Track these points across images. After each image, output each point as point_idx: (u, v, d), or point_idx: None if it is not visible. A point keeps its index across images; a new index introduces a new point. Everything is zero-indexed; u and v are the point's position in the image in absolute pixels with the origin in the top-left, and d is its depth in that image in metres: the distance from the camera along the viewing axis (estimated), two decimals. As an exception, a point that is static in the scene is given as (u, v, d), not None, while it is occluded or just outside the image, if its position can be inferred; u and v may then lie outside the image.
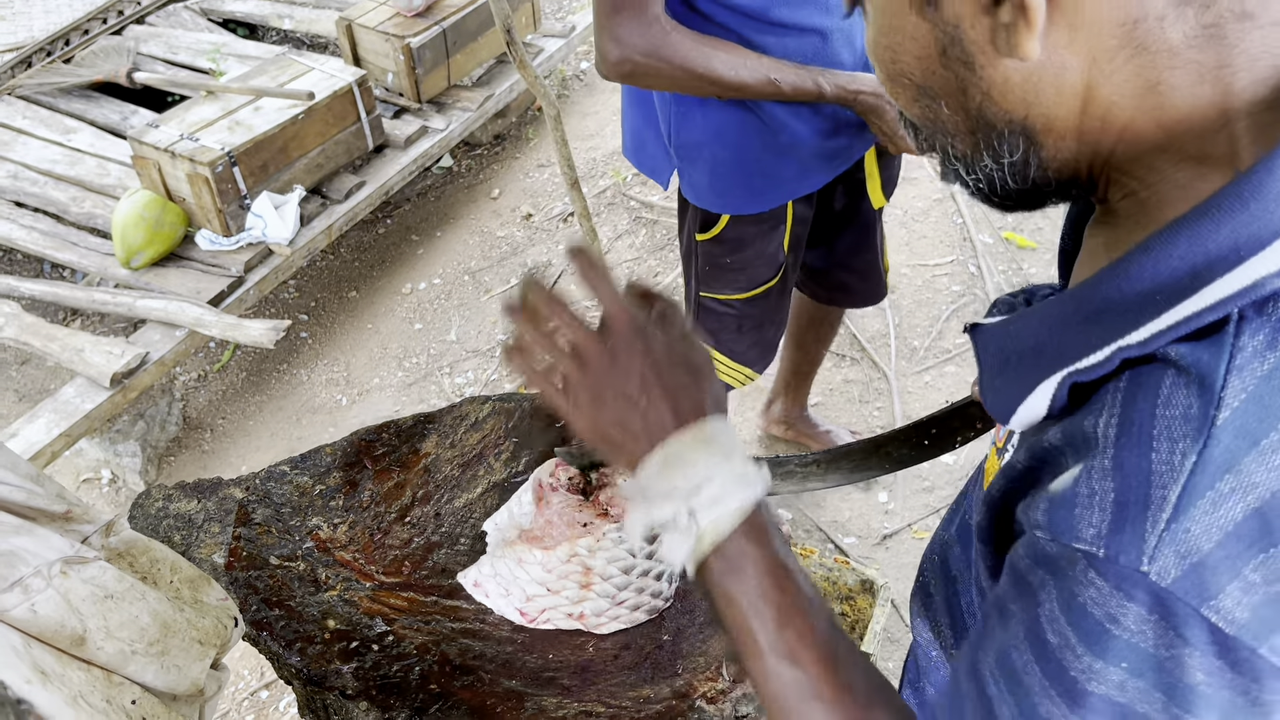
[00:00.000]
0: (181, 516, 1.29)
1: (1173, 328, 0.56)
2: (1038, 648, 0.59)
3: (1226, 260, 0.55)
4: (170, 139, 3.23)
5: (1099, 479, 0.57)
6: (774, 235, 1.98)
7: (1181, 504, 0.53)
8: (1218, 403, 0.54)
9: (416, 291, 3.89)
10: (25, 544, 0.75)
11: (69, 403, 2.87)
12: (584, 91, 4.90)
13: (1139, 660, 0.55)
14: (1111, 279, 0.61)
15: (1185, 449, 0.54)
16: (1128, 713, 0.56)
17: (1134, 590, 0.54)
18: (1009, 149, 0.64)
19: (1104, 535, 0.56)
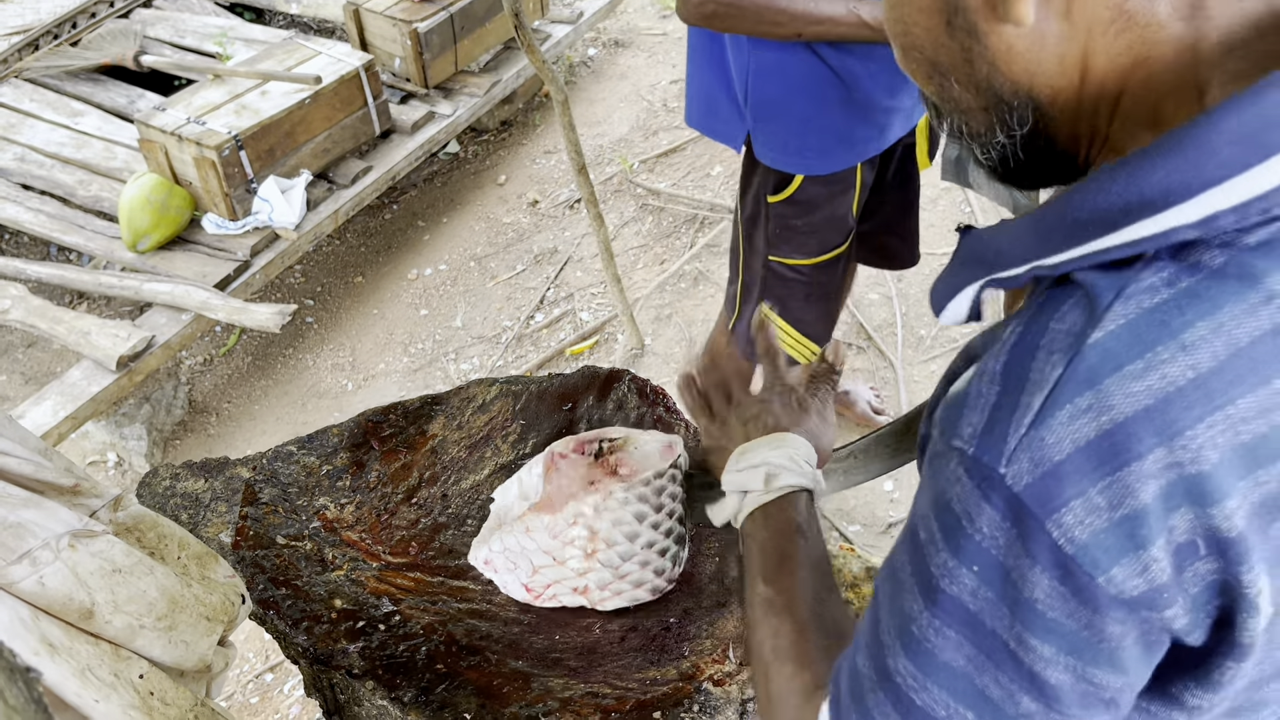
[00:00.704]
0: (189, 495, 1.29)
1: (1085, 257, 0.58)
2: (911, 544, 0.64)
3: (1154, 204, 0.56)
4: (177, 122, 3.23)
5: (987, 382, 0.59)
6: (844, 199, 2.00)
7: (1043, 412, 0.56)
8: (1096, 322, 0.56)
9: (422, 277, 3.88)
10: (33, 517, 0.75)
11: (75, 385, 2.87)
12: (591, 78, 4.89)
13: (989, 566, 0.58)
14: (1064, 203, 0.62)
15: (1056, 361, 0.56)
16: (977, 624, 0.59)
17: (991, 492, 0.57)
18: (1019, 121, 0.65)
19: (977, 435, 0.58)
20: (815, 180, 1.95)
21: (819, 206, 2.00)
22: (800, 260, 2.09)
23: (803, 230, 2.04)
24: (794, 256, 2.08)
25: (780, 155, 1.94)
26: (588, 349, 3.46)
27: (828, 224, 2.03)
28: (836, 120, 1.87)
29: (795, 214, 2.01)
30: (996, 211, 3.74)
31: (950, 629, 0.61)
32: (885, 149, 1.99)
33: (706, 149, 4.26)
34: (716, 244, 3.77)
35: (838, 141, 1.90)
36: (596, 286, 3.70)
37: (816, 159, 1.92)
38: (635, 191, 4.12)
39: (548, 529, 1.15)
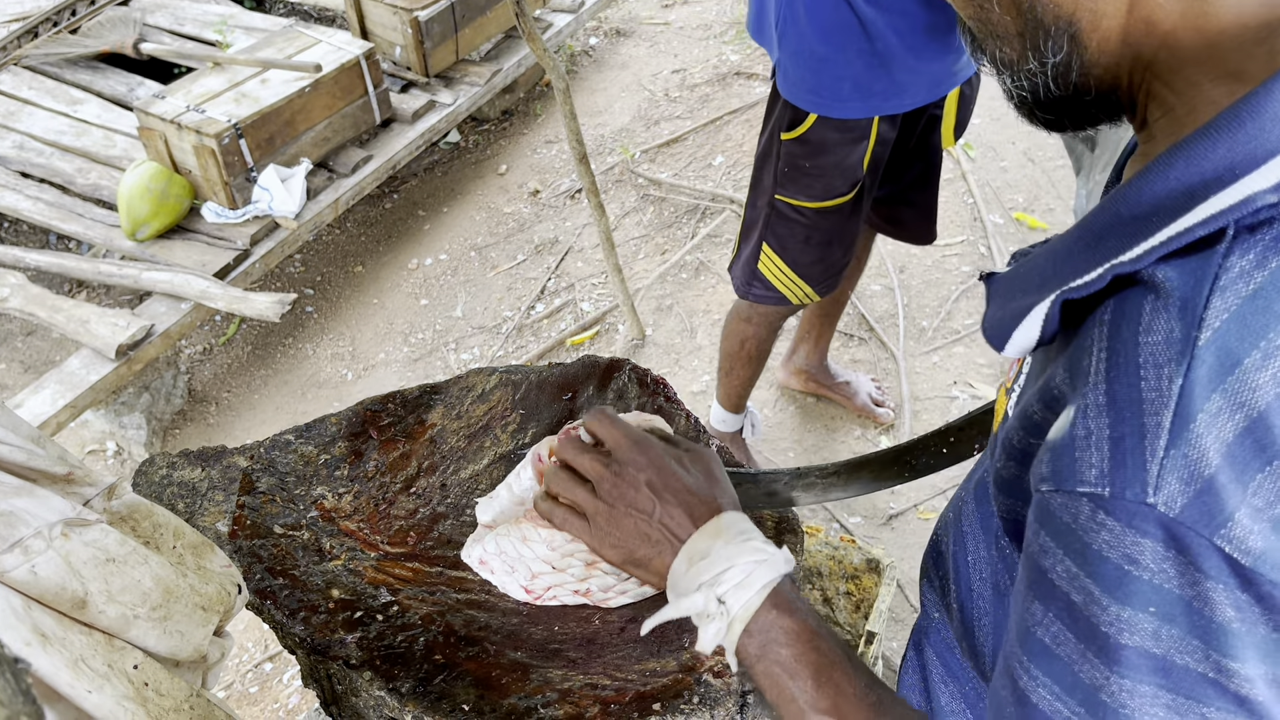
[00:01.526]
0: (185, 484, 1.28)
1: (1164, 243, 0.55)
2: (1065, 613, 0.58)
3: (1221, 179, 0.54)
4: (176, 110, 3.21)
5: (1094, 417, 0.56)
6: (856, 149, 2.02)
7: (1176, 428, 0.52)
8: (1199, 323, 0.53)
9: (423, 267, 3.87)
10: (25, 505, 0.74)
11: (74, 374, 2.86)
12: (593, 68, 4.87)
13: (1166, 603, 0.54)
14: (1111, 205, 0.60)
15: (1171, 373, 0.53)
16: (1168, 667, 0.54)
17: (1145, 525, 0.53)
18: (1054, 48, 0.63)
19: (1107, 474, 0.54)
20: (828, 123, 1.97)
21: (829, 150, 2.01)
22: (804, 202, 2.10)
23: (810, 171, 2.05)
24: (798, 197, 2.10)
25: (797, 90, 1.96)
26: (588, 339, 3.45)
27: (836, 170, 2.04)
28: (855, 68, 1.88)
29: (805, 154, 2.03)
30: (1000, 204, 3.72)
31: (1143, 683, 0.55)
32: (907, 111, 2.00)
33: (708, 139, 4.24)
34: (718, 234, 3.75)
35: (854, 89, 1.92)
36: (597, 277, 3.69)
37: (831, 101, 1.94)
38: (636, 181, 4.10)
39: (546, 542, 1.14)
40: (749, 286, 2.30)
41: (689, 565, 0.82)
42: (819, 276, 2.24)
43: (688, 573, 0.82)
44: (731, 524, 0.84)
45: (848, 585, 2.25)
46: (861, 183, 2.09)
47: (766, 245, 2.21)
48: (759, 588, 0.79)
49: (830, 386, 2.99)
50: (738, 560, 0.80)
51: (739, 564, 0.80)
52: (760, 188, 2.17)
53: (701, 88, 4.58)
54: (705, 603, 0.80)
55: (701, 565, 0.81)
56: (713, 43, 4.90)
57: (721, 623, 0.80)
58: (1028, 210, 3.68)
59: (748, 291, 2.31)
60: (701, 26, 5.06)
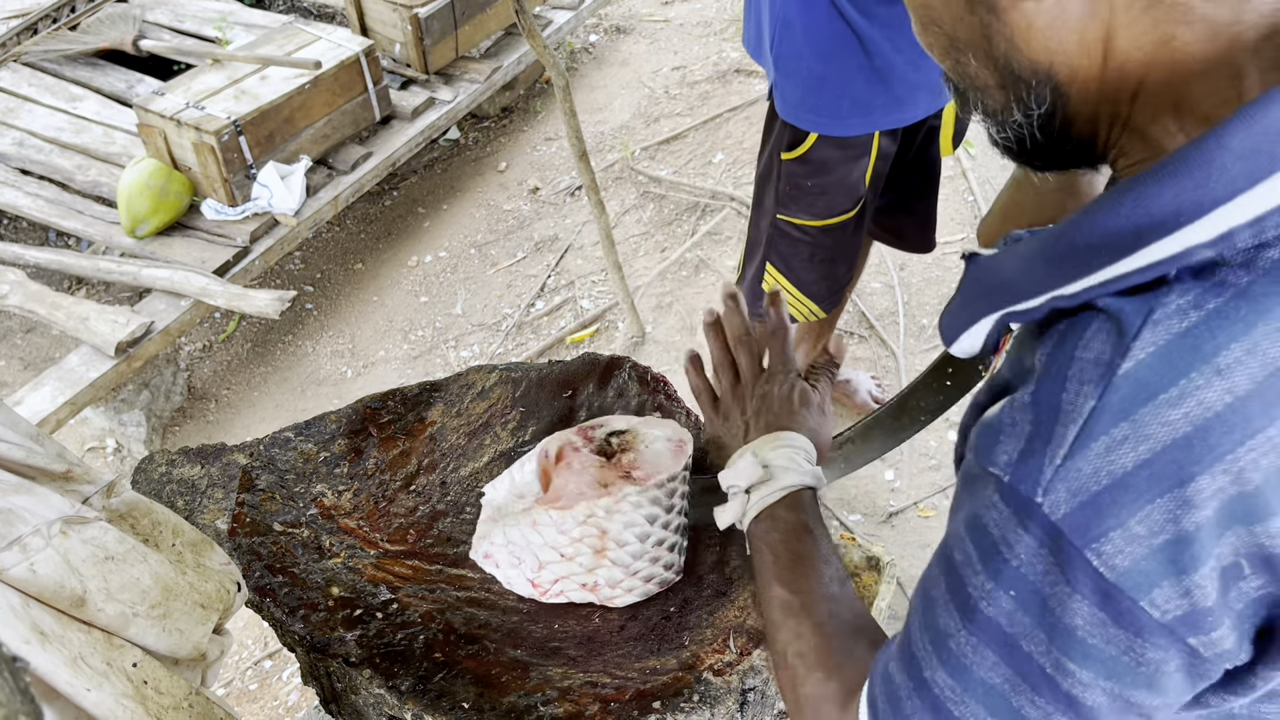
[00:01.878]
0: (185, 482, 1.28)
1: (1106, 283, 0.58)
2: (946, 563, 0.65)
3: (1165, 225, 0.55)
4: (176, 107, 3.21)
5: (1020, 410, 0.60)
6: (858, 165, 2.00)
7: (1078, 443, 0.56)
8: (1125, 352, 0.55)
9: (422, 264, 3.87)
10: (24, 503, 0.74)
11: (74, 371, 2.86)
12: (592, 65, 4.86)
13: (1026, 592, 0.58)
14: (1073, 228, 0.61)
15: (1088, 392, 0.56)
16: (1013, 646, 0.60)
17: (1028, 520, 0.57)
18: (1037, 100, 0.64)
19: (1012, 463, 0.59)
20: (829, 142, 1.95)
21: (831, 169, 1.99)
22: (807, 221, 2.09)
23: (812, 191, 2.04)
24: (801, 216, 2.09)
25: (795, 110, 1.94)
26: (588, 337, 3.44)
27: (838, 188, 2.02)
28: (854, 85, 1.86)
29: (806, 173, 2.01)
30: (999, 200, 3.72)
31: (988, 648, 0.61)
32: (908, 125, 1.98)
33: (708, 136, 4.24)
34: (718, 231, 3.75)
35: (853, 106, 1.89)
36: (597, 274, 3.69)
37: (830, 120, 1.92)
38: (636, 179, 4.10)
39: (556, 525, 1.14)
40: (754, 306, 2.29)
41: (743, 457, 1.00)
42: (824, 294, 2.24)
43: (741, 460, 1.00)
44: (791, 440, 1.00)
45: (848, 583, 2.25)
46: (864, 199, 2.08)
47: (770, 265, 2.20)
48: (780, 486, 0.95)
49: None
50: (777, 464, 0.97)
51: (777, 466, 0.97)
52: (762, 207, 2.15)
53: (701, 85, 4.57)
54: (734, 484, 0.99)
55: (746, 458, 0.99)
56: (713, 40, 4.89)
57: (740, 504, 0.97)
58: (1028, 208, 3.67)
59: (753, 310, 2.30)
60: (702, 24, 5.05)
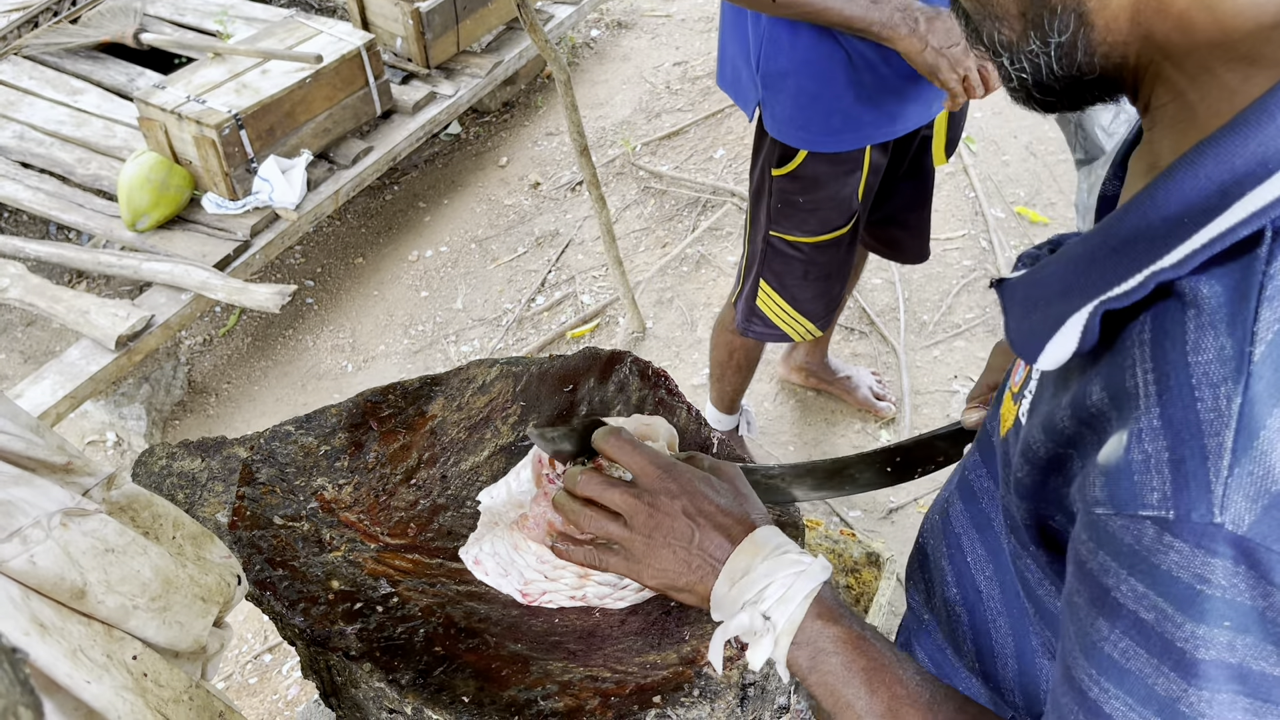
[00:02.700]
0: (185, 475, 1.27)
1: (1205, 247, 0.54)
2: (1134, 630, 0.58)
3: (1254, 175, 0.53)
4: (177, 101, 3.21)
5: (1150, 440, 0.55)
6: (850, 180, 1.99)
7: (1239, 447, 0.52)
8: (1251, 338, 0.52)
9: (423, 259, 3.86)
10: (24, 494, 0.74)
11: (74, 364, 2.86)
12: (594, 60, 4.85)
13: (1240, 615, 0.54)
14: (1138, 208, 0.58)
15: (1229, 392, 0.52)
16: (1245, 674, 0.55)
17: (1214, 544, 0.53)
18: (1059, 28, 0.61)
19: (1170, 497, 0.54)
20: (819, 157, 1.93)
21: (822, 185, 1.98)
22: (800, 238, 2.08)
23: (804, 207, 2.02)
24: (794, 233, 2.07)
25: (785, 128, 1.92)
26: (589, 332, 3.44)
27: (830, 203, 2.01)
28: (844, 100, 1.85)
29: (797, 190, 2.00)
30: (1001, 198, 3.71)
31: (1220, 692, 0.56)
32: (899, 137, 1.97)
33: (709, 132, 4.23)
34: (719, 227, 3.75)
35: (844, 121, 1.88)
36: (598, 269, 3.69)
37: (821, 136, 1.90)
38: (637, 174, 4.09)
39: (536, 555, 1.13)
40: (748, 323, 2.28)
41: (731, 585, 0.83)
42: (819, 312, 2.22)
43: (730, 593, 0.83)
44: (767, 539, 0.85)
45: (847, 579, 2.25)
46: (857, 214, 2.07)
47: (764, 282, 2.18)
48: (801, 598, 0.80)
49: (831, 381, 2.99)
50: (777, 574, 0.81)
51: (778, 578, 0.81)
52: (756, 224, 2.14)
53: (703, 80, 4.56)
54: (751, 621, 0.81)
55: (743, 584, 0.82)
56: (714, 35, 4.88)
57: (769, 638, 0.81)
58: (1029, 204, 3.67)
59: (747, 329, 2.29)
60: (703, 19, 5.04)
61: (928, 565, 1.04)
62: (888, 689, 0.77)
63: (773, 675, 1.13)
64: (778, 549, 0.83)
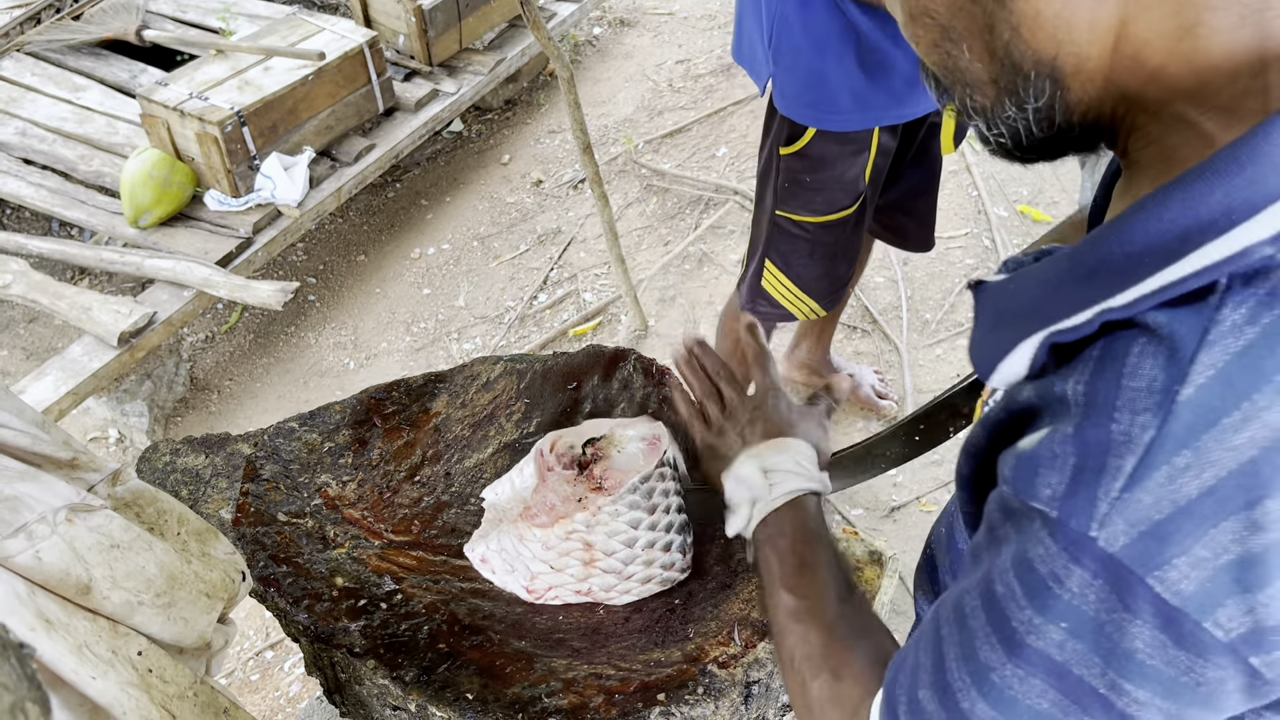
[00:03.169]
0: (189, 471, 1.27)
1: (1156, 292, 0.55)
2: (986, 596, 0.62)
3: (1217, 225, 0.53)
4: (179, 98, 3.20)
5: (1061, 443, 0.57)
6: (857, 160, 1.99)
7: (1137, 475, 0.53)
8: (1183, 378, 0.53)
9: (425, 256, 3.86)
10: (30, 490, 0.74)
11: (76, 361, 2.86)
12: (596, 57, 4.85)
13: (1079, 622, 0.56)
14: (1106, 239, 0.59)
15: (1145, 422, 0.53)
16: (1064, 672, 0.58)
17: (1080, 554, 0.55)
18: (1034, 93, 0.61)
19: (1059, 497, 0.56)
20: (827, 136, 1.94)
21: (829, 164, 1.98)
22: (806, 217, 2.08)
23: (811, 186, 2.02)
24: (800, 213, 2.08)
25: (794, 105, 1.93)
26: (591, 330, 3.44)
27: (837, 183, 2.02)
28: (854, 80, 1.85)
29: (805, 169, 2.00)
30: (1004, 196, 3.71)
31: (1035, 677, 0.59)
32: (908, 120, 1.97)
33: (712, 130, 4.23)
34: (721, 225, 3.74)
35: (853, 101, 1.88)
36: (600, 267, 3.68)
37: (829, 114, 1.91)
38: (640, 172, 4.09)
39: (541, 542, 1.14)
40: (753, 303, 2.28)
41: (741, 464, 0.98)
42: (824, 292, 2.23)
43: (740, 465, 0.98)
44: (791, 445, 0.98)
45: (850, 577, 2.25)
46: (864, 195, 2.07)
47: (769, 261, 2.19)
48: (785, 491, 0.93)
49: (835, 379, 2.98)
50: (781, 468, 0.95)
51: (780, 471, 0.95)
52: (762, 204, 2.14)
53: (705, 78, 4.56)
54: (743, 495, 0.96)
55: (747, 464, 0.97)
56: (717, 33, 4.88)
57: (746, 511, 0.95)
58: (1032, 203, 3.67)
59: (753, 307, 2.29)
60: (706, 16, 5.03)
61: (936, 576, 1.05)
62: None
63: (776, 672, 1.13)
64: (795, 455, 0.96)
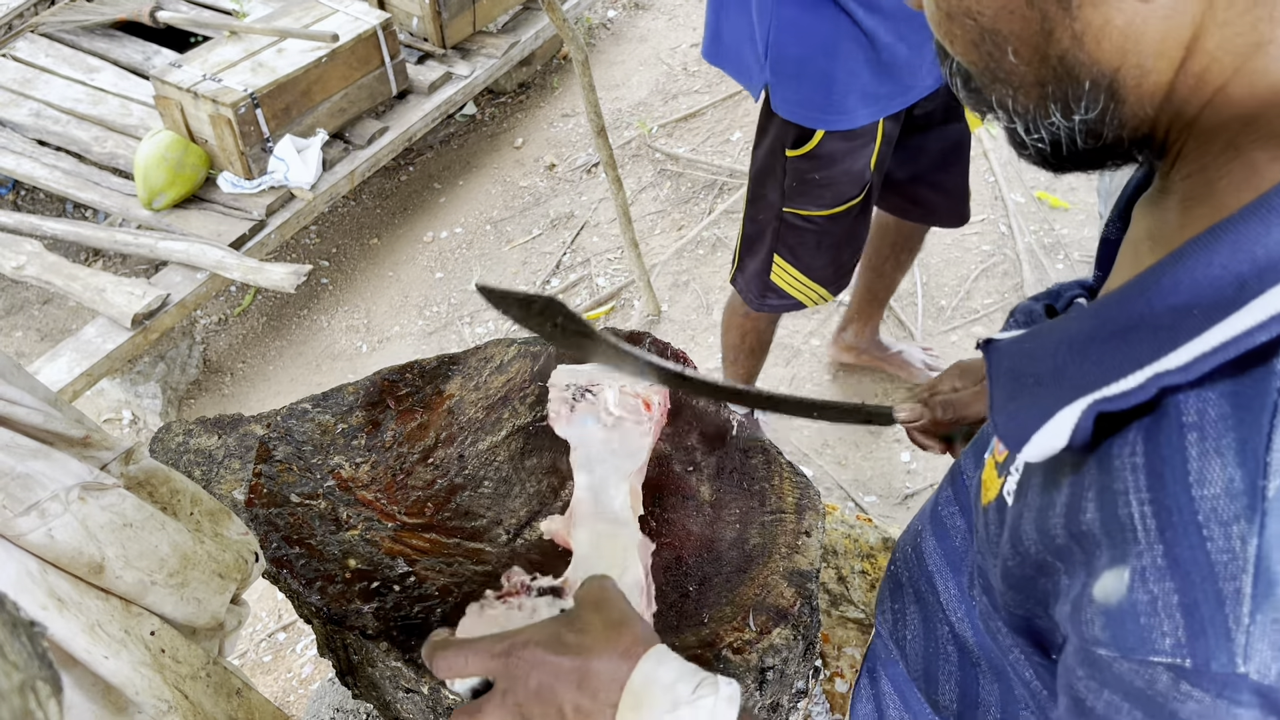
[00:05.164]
0: (202, 452, 1.27)
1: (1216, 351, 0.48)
2: None
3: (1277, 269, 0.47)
4: (193, 79, 3.20)
5: (1155, 581, 0.50)
6: (863, 153, 1.99)
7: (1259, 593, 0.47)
8: (1264, 470, 0.46)
9: (438, 240, 3.85)
10: (42, 468, 0.73)
11: (90, 342, 2.87)
12: (610, 41, 4.82)
13: None
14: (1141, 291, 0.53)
15: (1242, 532, 0.47)
16: None
17: (1238, 694, 0.48)
18: (1087, 105, 0.56)
19: (1184, 644, 0.49)
20: (836, 135, 1.93)
21: (838, 161, 1.98)
22: (814, 212, 2.08)
23: (820, 184, 2.02)
24: (808, 208, 2.08)
25: (800, 110, 1.92)
26: (604, 314, 3.43)
27: (845, 177, 2.01)
28: (861, 79, 1.84)
29: (813, 168, 2.00)
30: (1021, 182, 3.68)
31: None
32: (909, 105, 1.97)
33: (726, 114, 4.20)
34: (735, 210, 3.72)
35: (861, 99, 1.87)
36: (613, 252, 3.67)
37: (838, 116, 1.90)
38: (654, 156, 4.07)
39: None
40: (763, 299, 2.28)
41: None
42: (832, 278, 2.23)
43: None
44: (649, 686, 0.72)
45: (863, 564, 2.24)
46: (869, 183, 2.07)
47: (778, 256, 2.19)
48: None
49: (883, 358, 3.00)
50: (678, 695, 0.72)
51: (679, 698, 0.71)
52: (763, 203, 2.13)
53: (720, 62, 4.53)
54: None
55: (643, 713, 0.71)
56: (732, 17, 4.85)
57: None
58: (1049, 189, 3.63)
59: (762, 304, 2.29)
60: None
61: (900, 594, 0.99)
62: None
63: (792, 658, 1.12)
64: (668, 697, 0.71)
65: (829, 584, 2.06)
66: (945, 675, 0.88)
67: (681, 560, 1.18)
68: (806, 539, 1.20)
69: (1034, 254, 3.36)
